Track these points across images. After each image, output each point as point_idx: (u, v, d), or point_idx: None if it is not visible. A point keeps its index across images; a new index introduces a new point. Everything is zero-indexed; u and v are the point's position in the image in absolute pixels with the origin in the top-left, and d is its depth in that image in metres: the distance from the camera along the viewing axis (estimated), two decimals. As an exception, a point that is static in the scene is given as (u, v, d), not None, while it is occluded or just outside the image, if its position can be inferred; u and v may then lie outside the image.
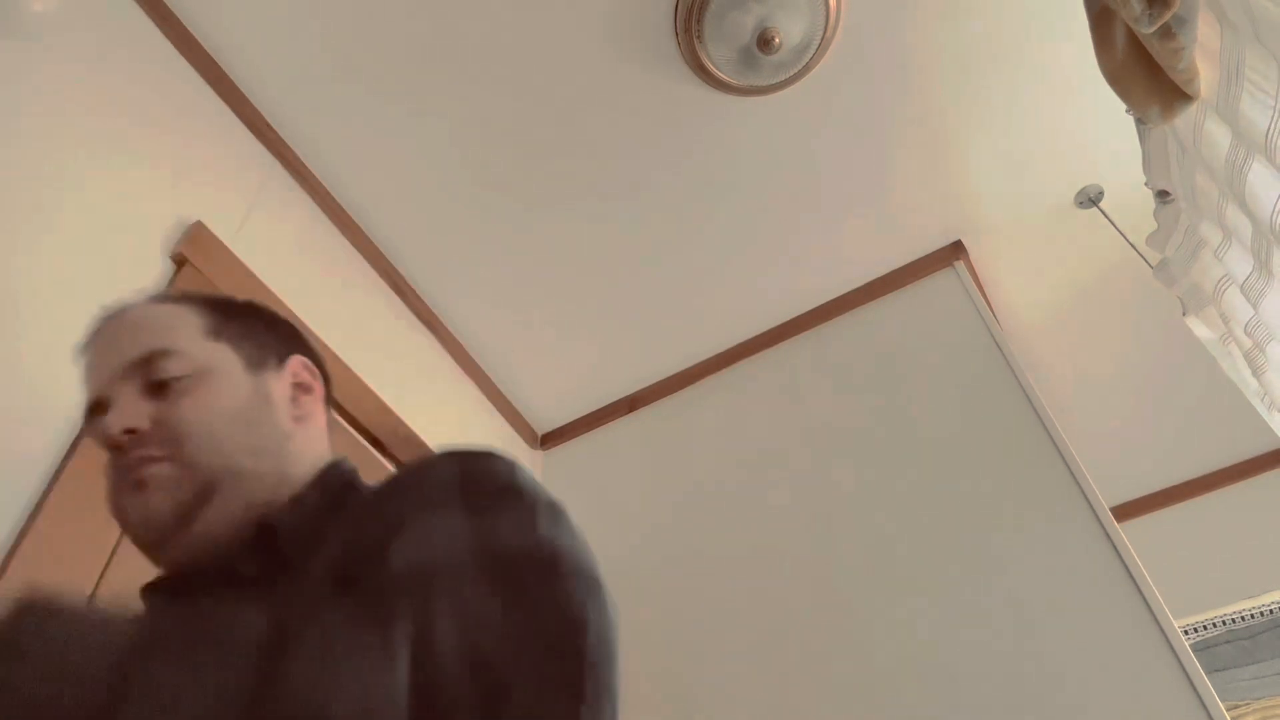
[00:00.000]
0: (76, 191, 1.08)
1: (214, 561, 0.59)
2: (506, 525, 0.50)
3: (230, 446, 0.60)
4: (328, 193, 1.59)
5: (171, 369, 0.61)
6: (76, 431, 0.96)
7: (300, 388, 0.69)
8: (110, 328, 0.66)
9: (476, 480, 0.53)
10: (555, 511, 0.54)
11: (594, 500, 1.91)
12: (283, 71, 1.43)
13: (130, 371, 0.62)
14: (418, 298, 1.77)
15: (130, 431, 0.59)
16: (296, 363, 0.70)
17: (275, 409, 0.65)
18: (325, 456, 0.68)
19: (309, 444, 0.67)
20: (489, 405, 1.96)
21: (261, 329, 0.70)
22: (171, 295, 0.70)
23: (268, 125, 1.48)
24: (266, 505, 0.60)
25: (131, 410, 0.60)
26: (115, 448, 0.60)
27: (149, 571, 0.99)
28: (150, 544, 0.59)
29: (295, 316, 1.35)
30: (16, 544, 0.85)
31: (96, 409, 0.62)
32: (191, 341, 0.64)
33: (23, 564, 0.84)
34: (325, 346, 1.40)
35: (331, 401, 0.75)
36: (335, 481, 0.65)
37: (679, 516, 1.76)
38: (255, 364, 0.66)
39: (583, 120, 1.54)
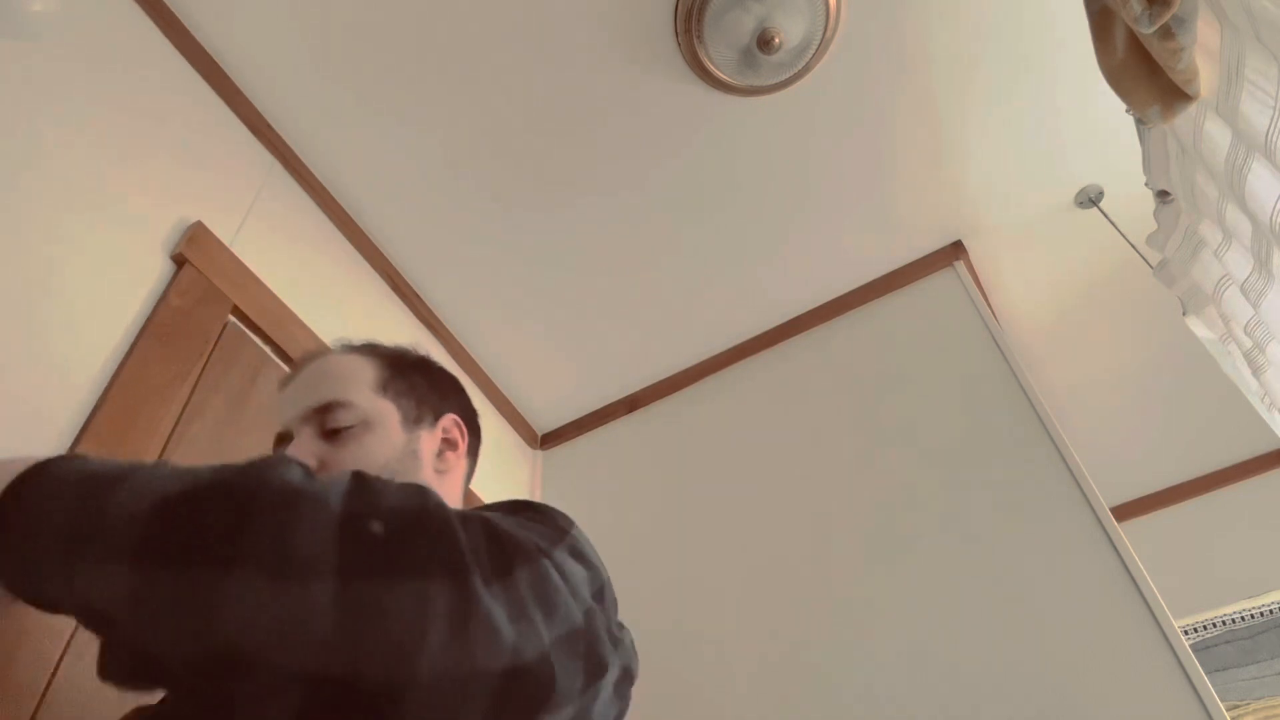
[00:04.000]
0: (76, 191, 1.08)
1: None
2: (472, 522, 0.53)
3: None
4: (328, 193, 1.59)
5: (342, 419, 0.72)
6: (78, 430, 0.96)
7: (447, 443, 0.80)
8: (306, 372, 0.78)
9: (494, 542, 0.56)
10: (545, 581, 0.55)
11: (594, 500, 1.91)
12: (283, 71, 1.43)
13: (311, 416, 0.73)
14: (418, 298, 1.78)
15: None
16: (448, 420, 0.81)
17: (420, 463, 0.75)
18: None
19: (443, 495, 0.74)
20: (489, 405, 1.96)
21: (424, 386, 0.81)
22: (357, 346, 0.82)
23: (268, 125, 1.48)
24: None
25: (305, 449, 0.71)
26: None
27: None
28: None
29: (295, 316, 1.35)
30: (17, 544, 0.85)
31: (281, 439, 0.75)
32: (362, 395, 0.75)
33: (23, 564, 0.84)
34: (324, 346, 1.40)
35: (477, 454, 0.87)
36: None
37: (679, 516, 1.76)
38: (412, 420, 0.77)
39: (583, 120, 1.54)
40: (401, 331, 1.72)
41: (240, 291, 1.25)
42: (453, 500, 0.78)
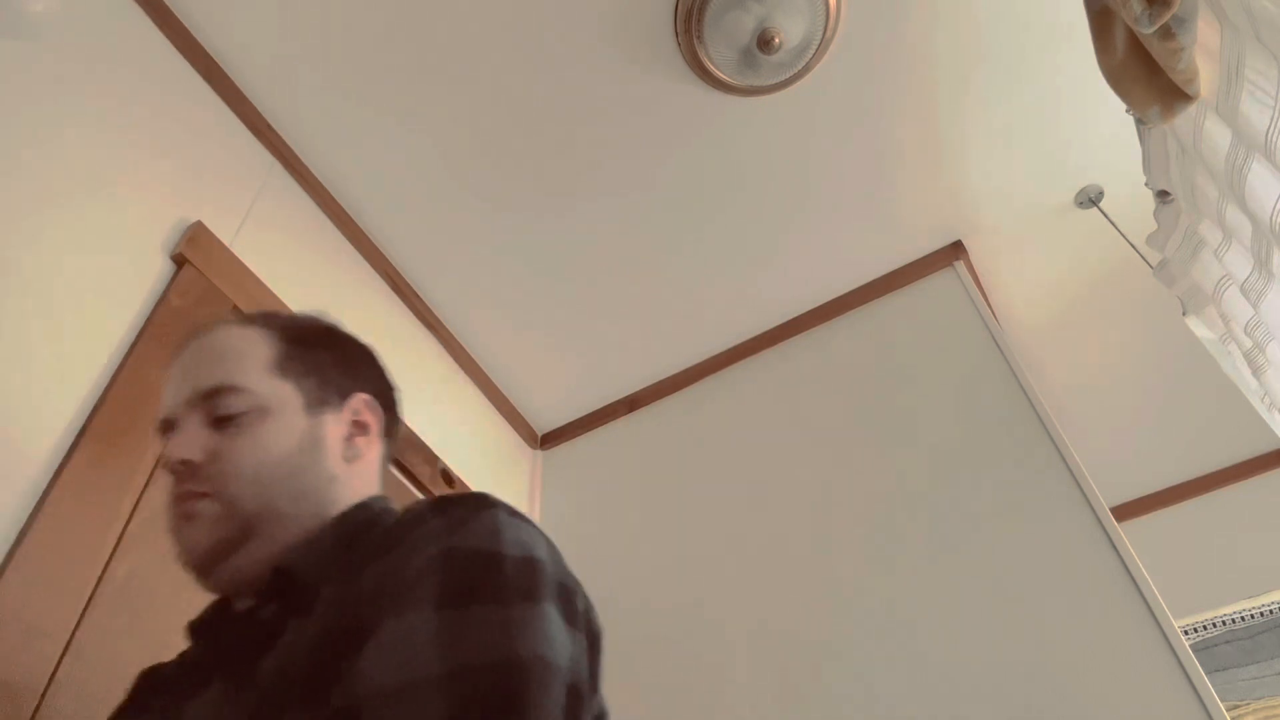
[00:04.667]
0: (77, 192, 1.08)
1: (242, 597, 0.62)
2: (476, 630, 0.48)
3: (273, 491, 0.62)
4: (328, 193, 1.59)
5: (233, 405, 0.63)
6: (78, 430, 0.96)
7: (357, 426, 0.70)
8: (194, 350, 0.68)
9: (458, 561, 0.51)
10: (529, 590, 0.51)
11: (594, 500, 1.91)
12: (283, 71, 1.43)
13: (198, 401, 0.64)
14: (418, 298, 1.77)
15: (185, 463, 0.62)
16: (357, 400, 0.71)
17: (325, 453, 0.66)
18: (368, 495, 0.69)
19: (355, 485, 0.68)
20: (489, 405, 1.96)
21: (329, 362, 0.71)
22: (254, 317, 0.71)
23: (268, 125, 1.48)
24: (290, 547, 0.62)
25: (192, 441, 0.62)
26: (172, 473, 0.63)
27: (147, 570, 0.99)
28: (193, 572, 0.62)
29: (295, 316, 1.34)
30: (17, 543, 0.85)
31: (166, 427, 0.66)
32: (256, 377, 0.65)
33: (23, 563, 0.84)
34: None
35: (395, 434, 0.75)
36: (354, 521, 0.64)
37: (679, 516, 1.76)
38: (315, 403, 0.67)
39: (583, 120, 1.54)
40: (402, 331, 1.72)
41: (240, 291, 1.25)
42: (368, 487, 0.69)
